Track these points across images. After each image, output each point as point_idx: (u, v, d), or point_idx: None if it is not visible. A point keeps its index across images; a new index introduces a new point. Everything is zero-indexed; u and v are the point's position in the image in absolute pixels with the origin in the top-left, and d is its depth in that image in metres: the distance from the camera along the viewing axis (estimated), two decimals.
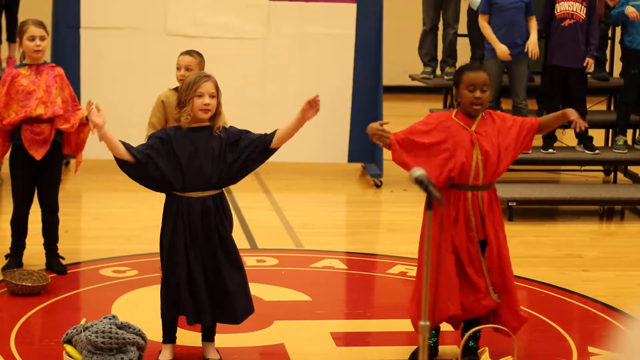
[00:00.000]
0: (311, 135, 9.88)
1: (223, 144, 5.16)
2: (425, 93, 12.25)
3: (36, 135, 6.39)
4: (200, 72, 5.31)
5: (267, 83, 9.75)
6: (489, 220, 5.25)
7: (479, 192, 5.24)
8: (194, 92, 5.08)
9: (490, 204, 5.27)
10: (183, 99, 5.12)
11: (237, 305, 5.24)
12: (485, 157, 5.20)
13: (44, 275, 6.43)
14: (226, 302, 5.22)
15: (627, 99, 9.36)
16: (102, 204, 8.83)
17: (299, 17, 9.71)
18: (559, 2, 8.92)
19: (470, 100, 5.21)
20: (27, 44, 6.42)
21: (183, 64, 6.42)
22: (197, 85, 5.09)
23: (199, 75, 5.18)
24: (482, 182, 5.24)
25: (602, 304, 6.48)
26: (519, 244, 7.87)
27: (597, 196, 8.98)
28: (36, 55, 6.42)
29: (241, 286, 5.27)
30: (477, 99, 5.20)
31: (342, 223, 8.94)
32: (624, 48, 9.28)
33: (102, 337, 5.02)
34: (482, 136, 5.22)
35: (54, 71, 6.47)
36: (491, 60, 8.92)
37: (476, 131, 5.23)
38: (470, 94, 5.21)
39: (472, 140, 5.20)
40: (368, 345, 5.69)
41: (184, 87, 5.15)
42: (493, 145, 5.21)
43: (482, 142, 5.21)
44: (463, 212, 5.23)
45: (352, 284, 6.93)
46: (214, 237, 5.17)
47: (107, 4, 9.54)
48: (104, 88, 9.54)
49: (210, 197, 5.16)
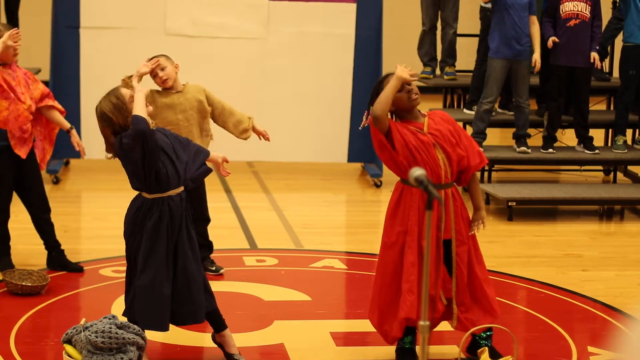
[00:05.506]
0: (311, 135, 9.92)
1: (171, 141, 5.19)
2: (425, 93, 12.11)
3: (24, 133, 6.41)
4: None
5: (266, 83, 9.76)
6: (459, 217, 5.22)
7: (449, 190, 5.23)
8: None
9: (459, 201, 5.25)
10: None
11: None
12: (447, 154, 5.17)
13: (43, 275, 6.43)
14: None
15: (625, 99, 9.37)
16: (102, 204, 8.83)
17: (298, 17, 9.72)
18: (563, 3, 8.93)
19: (404, 97, 5.13)
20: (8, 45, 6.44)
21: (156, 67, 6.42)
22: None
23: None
24: (451, 179, 5.22)
25: (602, 304, 6.48)
26: (519, 244, 7.88)
27: (597, 196, 8.99)
28: (15, 58, 6.48)
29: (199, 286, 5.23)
30: (410, 92, 5.13)
31: (341, 223, 8.94)
32: (622, 46, 9.30)
33: (102, 337, 5.02)
34: (437, 135, 5.17)
35: (21, 69, 6.58)
36: (496, 60, 8.91)
37: (430, 132, 5.19)
38: (401, 93, 5.11)
39: (430, 142, 5.15)
40: (368, 345, 5.69)
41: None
42: (449, 139, 5.17)
43: (439, 141, 5.16)
44: (436, 212, 5.19)
45: (352, 284, 6.93)
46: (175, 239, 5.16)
47: (106, 4, 9.54)
48: (104, 88, 9.40)
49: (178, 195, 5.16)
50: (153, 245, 5.07)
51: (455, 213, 5.22)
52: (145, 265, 5.06)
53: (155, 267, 5.06)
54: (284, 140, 9.78)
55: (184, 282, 5.13)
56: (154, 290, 5.06)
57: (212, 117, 6.59)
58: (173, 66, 6.47)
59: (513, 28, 8.81)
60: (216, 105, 6.57)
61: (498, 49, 8.89)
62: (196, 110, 6.46)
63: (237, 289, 6.55)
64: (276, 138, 9.86)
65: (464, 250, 5.24)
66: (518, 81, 8.99)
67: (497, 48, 8.89)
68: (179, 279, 5.13)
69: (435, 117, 5.27)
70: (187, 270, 5.12)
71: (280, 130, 9.80)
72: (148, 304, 5.09)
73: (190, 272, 5.13)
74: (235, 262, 7.11)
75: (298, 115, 9.80)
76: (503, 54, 8.86)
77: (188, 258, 5.13)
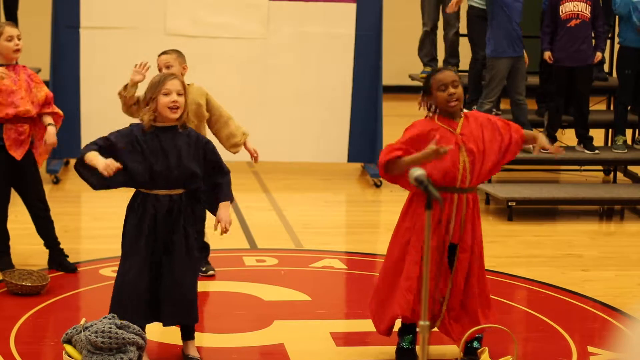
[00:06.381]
0: (311, 135, 9.92)
1: (191, 144, 5.13)
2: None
3: (20, 135, 6.42)
4: (167, 72, 5.32)
5: (266, 83, 9.76)
6: (469, 224, 5.23)
7: (464, 195, 5.23)
8: (159, 90, 5.06)
9: (473, 208, 5.25)
10: (149, 97, 5.10)
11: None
12: (472, 159, 5.18)
13: (43, 275, 6.43)
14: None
15: (623, 98, 9.37)
16: (102, 204, 8.82)
17: (298, 17, 9.72)
18: (563, 3, 8.93)
19: (444, 98, 5.17)
20: (6, 45, 6.44)
21: (162, 63, 6.41)
22: (163, 83, 5.08)
23: (165, 74, 5.20)
24: (469, 184, 5.22)
25: (602, 304, 6.48)
26: (519, 244, 7.88)
27: (596, 196, 8.99)
28: (15, 56, 6.48)
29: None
30: (452, 95, 5.18)
31: (341, 223, 8.94)
32: (619, 47, 9.32)
33: (101, 337, 5.01)
34: (467, 137, 5.20)
35: (27, 71, 6.56)
36: (499, 60, 8.91)
37: (461, 133, 5.21)
38: (443, 93, 5.19)
39: (458, 143, 5.18)
40: (368, 345, 5.69)
41: (149, 85, 5.13)
42: (478, 146, 5.19)
43: (468, 144, 5.19)
44: (447, 214, 5.20)
45: (351, 284, 6.93)
46: (167, 236, 5.16)
47: (106, 4, 9.54)
48: (104, 88, 9.54)
49: (177, 196, 5.15)
50: (132, 238, 5.18)
51: (466, 219, 5.22)
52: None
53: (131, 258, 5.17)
54: (284, 140, 9.79)
55: (176, 281, 5.14)
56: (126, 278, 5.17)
57: (208, 123, 6.54)
58: (181, 67, 6.40)
59: (515, 27, 8.81)
60: (214, 112, 6.53)
61: (502, 49, 8.86)
62: (193, 114, 6.40)
63: (237, 289, 6.54)
64: (276, 138, 9.91)
65: (465, 257, 5.24)
66: (517, 78, 8.98)
67: (500, 48, 8.86)
68: (170, 278, 5.14)
69: (471, 118, 5.28)
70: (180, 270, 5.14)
71: (280, 130, 9.81)
72: (118, 291, 5.20)
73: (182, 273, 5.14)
74: (235, 262, 7.11)
75: (298, 115, 9.80)
76: (507, 53, 8.85)
77: (182, 259, 5.14)
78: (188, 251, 5.17)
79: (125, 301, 5.16)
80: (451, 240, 5.22)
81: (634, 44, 9.12)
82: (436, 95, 5.20)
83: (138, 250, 5.14)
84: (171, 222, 5.13)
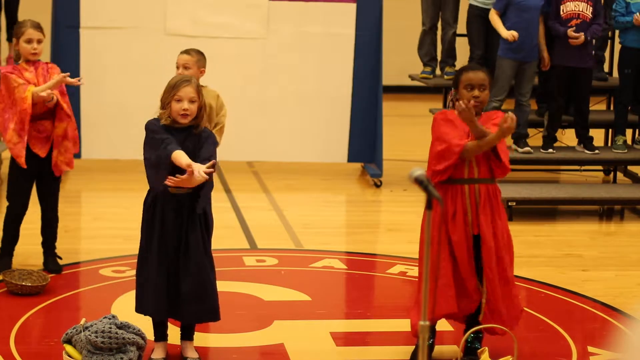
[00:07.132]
0: (311, 135, 9.92)
1: (197, 144, 5.19)
2: (425, 93, 12.24)
3: (39, 133, 6.42)
4: (183, 76, 5.34)
5: (266, 83, 9.75)
6: (483, 215, 5.24)
7: (475, 185, 5.24)
8: (172, 96, 5.13)
9: (489, 199, 5.26)
10: (163, 101, 5.19)
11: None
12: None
13: (43, 275, 6.43)
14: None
15: (623, 98, 9.37)
16: (102, 204, 8.83)
17: (298, 17, 9.71)
18: (564, 3, 8.92)
19: (467, 98, 5.21)
20: (24, 46, 6.46)
21: (181, 62, 6.47)
22: (176, 89, 5.14)
23: (180, 79, 5.22)
24: (478, 175, 5.24)
25: (601, 304, 6.48)
26: (519, 244, 7.85)
27: (596, 196, 8.98)
28: (33, 58, 6.48)
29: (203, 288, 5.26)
30: (475, 98, 5.20)
31: (341, 223, 8.94)
32: (620, 47, 9.32)
33: (101, 337, 5.02)
34: None
35: (47, 66, 6.59)
36: (505, 60, 8.90)
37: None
38: (468, 93, 5.22)
39: (467, 133, 5.21)
40: (368, 345, 5.69)
41: (166, 88, 5.21)
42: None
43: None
44: (461, 206, 5.23)
45: (351, 284, 6.93)
46: (182, 236, 5.18)
47: (106, 4, 9.54)
48: (104, 88, 9.55)
49: (185, 195, 5.16)
50: (147, 237, 5.22)
51: (481, 210, 5.22)
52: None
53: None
54: (284, 140, 9.78)
55: (200, 282, 5.17)
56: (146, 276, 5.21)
57: None
58: (199, 70, 6.43)
59: (526, 30, 8.78)
60: (212, 119, 6.54)
61: (510, 50, 8.84)
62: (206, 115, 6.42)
63: (237, 289, 6.54)
64: (276, 138, 9.91)
65: (488, 247, 5.25)
66: (524, 81, 8.97)
67: (509, 48, 8.84)
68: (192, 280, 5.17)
69: (484, 117, 5.31)
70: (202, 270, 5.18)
71: (280, 130, 9.81)
72: (140, 288, 5.24)
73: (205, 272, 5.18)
74: (235, 262, 7.12)
75: (298, 115, 9.80)
76: (514, 55, 8.83)
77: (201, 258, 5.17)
78: (206, 250, 5.22)
79: (149, 296, 5.21)
80: (472, 232, 5.25)
81: (634, 44, 9.12)
82: (462, 92, 5.25)
83: (152, 247, 5.19)
84: (181, 222, 5.16)
